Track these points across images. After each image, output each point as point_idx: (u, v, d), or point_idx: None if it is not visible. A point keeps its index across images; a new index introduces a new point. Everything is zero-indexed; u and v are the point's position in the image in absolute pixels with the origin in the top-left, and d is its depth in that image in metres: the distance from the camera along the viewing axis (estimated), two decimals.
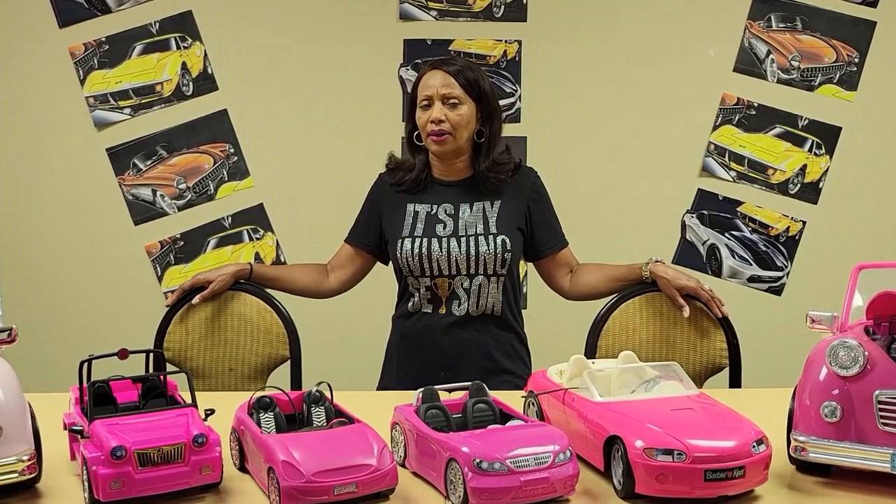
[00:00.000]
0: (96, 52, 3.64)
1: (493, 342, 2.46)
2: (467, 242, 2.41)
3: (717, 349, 2.54)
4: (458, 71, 2.42)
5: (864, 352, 1.55)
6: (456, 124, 2.39)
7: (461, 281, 2.42)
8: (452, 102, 2.39)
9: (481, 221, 2.43)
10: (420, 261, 2.42)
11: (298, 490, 1.45)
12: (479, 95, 2.43)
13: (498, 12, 3.66)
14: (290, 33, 3.68)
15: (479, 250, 2.40)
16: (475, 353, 2.44)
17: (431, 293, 2.44)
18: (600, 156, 3.72)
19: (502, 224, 2.43)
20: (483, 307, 2.44)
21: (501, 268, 2.42)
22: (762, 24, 3.66)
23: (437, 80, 2.40)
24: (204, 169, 3.71)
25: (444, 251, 2.41)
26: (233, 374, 2.59)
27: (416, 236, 2.44)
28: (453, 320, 2.43)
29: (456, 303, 2.43)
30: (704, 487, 1.48)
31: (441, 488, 1.55)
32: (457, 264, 2.41)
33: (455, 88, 2.39)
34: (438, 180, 2.49)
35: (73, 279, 3.72)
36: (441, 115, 2.38)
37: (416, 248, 2.42)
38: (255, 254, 3.73)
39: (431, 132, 2.40)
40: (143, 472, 1.48)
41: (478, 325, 2.44)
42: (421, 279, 2.44)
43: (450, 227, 2.43)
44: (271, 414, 1.66)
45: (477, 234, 2.41)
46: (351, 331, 3.55)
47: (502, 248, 2.40)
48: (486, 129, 2.44)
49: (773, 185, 3.71)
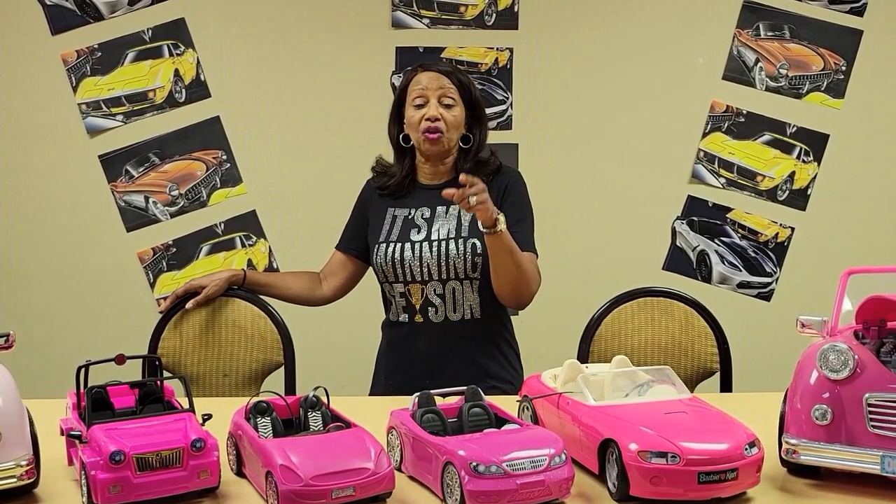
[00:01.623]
0: (89, 59, 3.65)
1: (477, 348, 2.43)
2: (438, 247, 2.38)
3: (708, 354, 2.57)
4: (452, 72, 2.43)
5: (854, 355, 1.57)
6: (450, 124, 2.39)
7: (433, 287, 2.39)
8: (447, 103, 2.40)
9: (454, 225, 2.40)
10: (393, 266, 2.41)
11: (297, 494, 1.45)
12: (470, 100, 2.44)
13: (489, 20, 3.68)
14: (282, 41, 3.69)
15: (450, 254, 2.37)
16: (459, 361, 2.41)
17: (406, 300, 2.42)
18: (591, 162, 3.74)
19: (474, 227, 2.37)
20: (462, 312, 2.41)
21: (473, 272, 2.38)
22: (750, 33, 3.70)
23: (432, 78, 2.40)
24: (196, 176, 3.71)
25: (416, 256, 2.39)
26: (227, 379, 2.60)
27: (391, 241, 2.43)
28: (433, 328, 2.41)
29: (432, 310, 2.41)
30: (698, 489, 1.50)
31: (438, 492, 1.56)
32: (428, 269, 2.38)
33: (450, 89, 2.40)
34: (421, 184, 2.49)
35: (65, 286, 3.72)
36: (437, 112, 2.38)
37: (389, 254, 2.42)
38: (247, 260, 3.74)
39: (426, 129, 2.38)
40: (141, 477, 1.48)
41: (459, 332, 2.41)
42: (395, 285, 2.43)
43: (423, 232, 2.42)
44: (268, 419, 1.67)
45: (448, 237, 2.39)
46: (345, 337, 3.55)
47: (472, 252, 2.37)
48: (474, 135, 2.45)
49: (762, 192, 3.75)
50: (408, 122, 2.43)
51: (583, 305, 2.68)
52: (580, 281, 3.61)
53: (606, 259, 3.72)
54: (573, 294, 3.38)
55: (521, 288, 2.35)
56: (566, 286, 3.46)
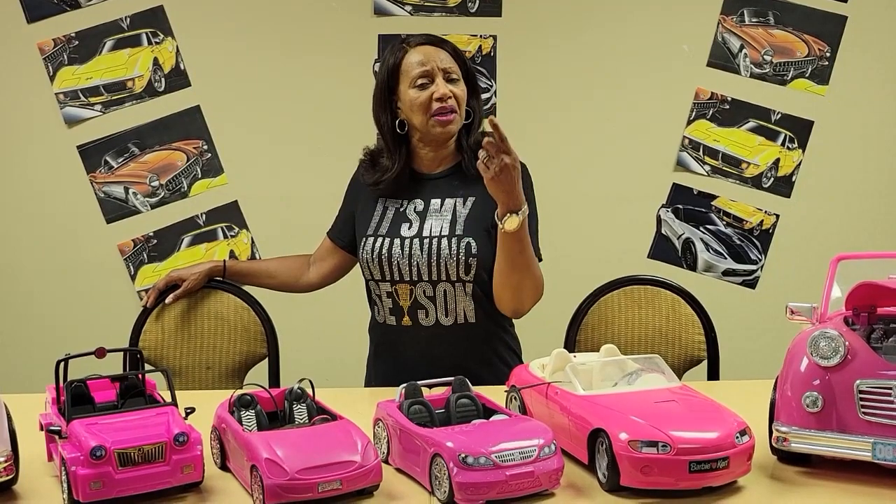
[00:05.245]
0: (66, 48, 3.59)
1: (471, 355, 2.25)
2: (430, 245, 2.20)
3: (696, 342, 2.56)
4: (444, 43, 2.25)
5: (845, 342, 1.56)
6: (460, 101, 2.21)
7: (423, 288, 2.22)
8: (453, 78, 2.21)
9: (448, 221, 2.23)
10: (380, 262, 2.24)
11: (282, 488, 1.43)
12: (466, 71, 2.26)
13: (473, 7, 3.65)
14: (262, 28, 3.64)
15: (441, 254, 2.19)
16: (449, 370, 2.05)
17: (393, 301, 2.25)
18: (575, 150, 3.72)
19: (470, 224, 2.22)
20: (454, 316, 2.23)
21: (466, 274, 2.20)
22: (735, 19, 3.68)
23: (431, 53, 2.21)
24: (177, 166, 3.67)
25: (405, 254, 2.21)
26: (210, 372, 2.57)
27: (380, 235, 2.26)
28: (424, 333, 2.24)
29: (422, 313, 2.23)
30: (689, 479, 1.48)
31: (426, 484, 1.54)
32: (418, 269, 2.20)
33: (452, 63, 2.22)
34: (417, 172, 2.31)
35: (44, 278, 3.67)
36: (447, 90, 2.18)
37: (376, 249, 2.25)
38: (229, 251, 3.70)
39: (438, 111, 2.18)
40: (123, 472, 1.46)
41: (450, 338, 2.24)
42: (381, 284, 2.26)
43: (415, 227, 2.24)
44: (253, 412, 1.64)
45: (441, 235, 2.21)
46: (330, 327, 3.53)
47: (466, 253, 2.19)
48: (473, 108, 2.28)
49: (747, 179, 3.74)
50: (410, 106, 2.21)
51: (569, 294, 2.66)
52: (565, 270, 3.56)
53: (591, 247, 3.70)
54: (559, 283, 3.34)
55: (525, 296, 2.17)
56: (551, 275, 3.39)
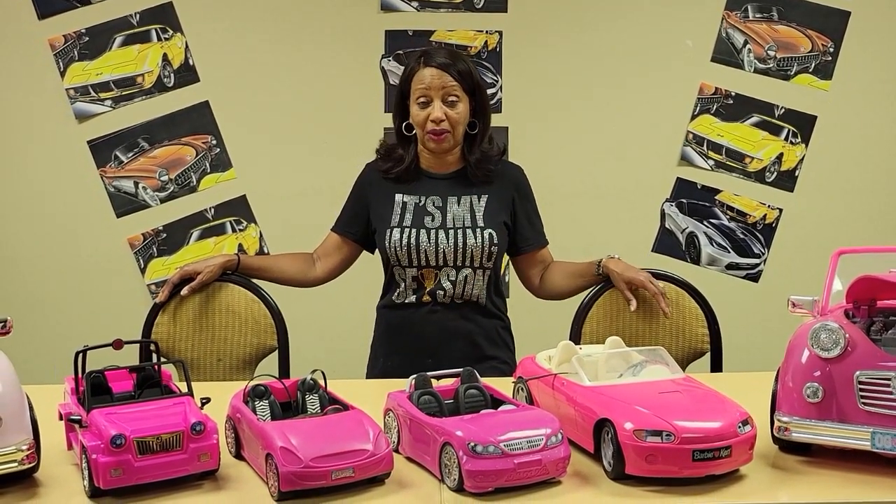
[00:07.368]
0: (76, 44, 3.63)
1: (478, 329, 2.49)
2: (455, 235, 2.43)
3: (699, 335, 2.59)
4: (451, 65, 2.41)
5: (845, 334, 1.60)
6: (455, 122, 2.41)
7: (447, 272, 2.45)
8: (451, 101, 2.41)
9: (469, 215, 2.46)
10: (408, 251, 2.44)
11: (297, 475, 1.47)
12: (472, 88, 2.44)
13: (479, 3, 3.68)
14: (271, 24, 3.68)
15: (467, 243, 2.43)
16: (460, 341, 2.47)
17: (417, 283, 2.47)
18: (580, 145, 3.75)
19: (489, 218, 2.46)
20: (468, 296, 2.47)
21: (488, 260, 2.45)
22: (739, 15, 3.71)
23: (433, 77, 2.40)
24: (186, 161, 3.70)
25: (431, 243, 2.43)
26: (221, 364, 2.61)
27: (405, 226, 2.46)
28: (438, 308, 2.47)
29: (441, 293, 2.46)
30: (692, 467, 1.52)
31: (436, 472, 1.58)
32: (444, 256, 2.44)
33: (453, 86, 2.40)
34: (427, 172, 2.51)
35: (55, 272, 3.71)
36: (441, 114, 2.39)
37: (404, 239, 2.44)
38: (238, 245, 3.74)
39: (431, 131, 2.41)
40: (142, 460, 1.50)
41: (462, 313, 2.48)
42: (408, 269, 2.47)
43: (438, 219, 2.45)
44: (266, 402, 1.68)
45: (465, 226, 2.44)
46: (338, 320, 3.57)
47: (489, 242, 2.44)
48: (479, 120, 2.47)
49: (751, 174, 3.77)
50: (412, 119, 2.45)
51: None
52: None
53: (595, 241, 3.71)
54: None
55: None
56: None
